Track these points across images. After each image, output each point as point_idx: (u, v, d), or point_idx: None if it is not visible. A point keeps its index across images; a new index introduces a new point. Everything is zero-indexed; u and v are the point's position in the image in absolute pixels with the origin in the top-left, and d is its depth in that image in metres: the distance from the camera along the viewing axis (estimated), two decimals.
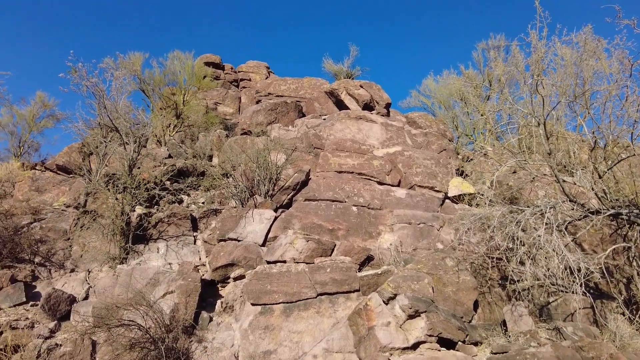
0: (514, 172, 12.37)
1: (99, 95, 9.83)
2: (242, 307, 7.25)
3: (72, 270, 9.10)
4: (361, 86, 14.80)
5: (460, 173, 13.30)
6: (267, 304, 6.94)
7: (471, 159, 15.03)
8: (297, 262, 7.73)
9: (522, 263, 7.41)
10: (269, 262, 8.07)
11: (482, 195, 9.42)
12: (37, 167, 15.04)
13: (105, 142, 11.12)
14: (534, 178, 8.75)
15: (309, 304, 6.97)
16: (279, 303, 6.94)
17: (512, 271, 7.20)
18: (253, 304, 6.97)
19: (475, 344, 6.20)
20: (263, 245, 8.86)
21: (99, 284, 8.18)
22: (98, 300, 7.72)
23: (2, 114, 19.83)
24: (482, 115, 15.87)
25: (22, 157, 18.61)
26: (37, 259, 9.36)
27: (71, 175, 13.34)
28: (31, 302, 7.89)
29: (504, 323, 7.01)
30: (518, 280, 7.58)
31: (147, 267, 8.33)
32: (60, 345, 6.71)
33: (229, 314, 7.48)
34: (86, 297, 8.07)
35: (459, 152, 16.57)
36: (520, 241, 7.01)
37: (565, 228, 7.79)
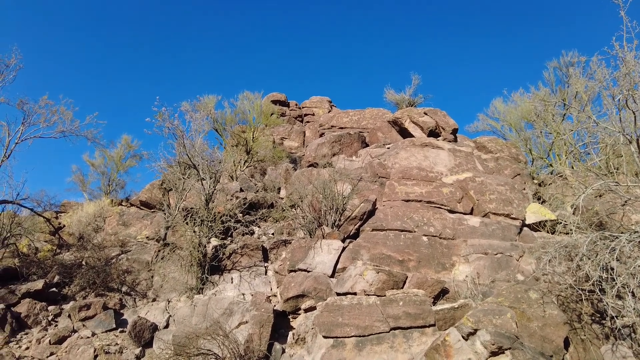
0: (600, 196, 11.35)
1: (179, 135, 10.69)
2: (313, 339, 7.22)
3: (154, 300, 9.69)
4: (425, 113, 14.64)
5: (538, 198, 12.46)
6: (339, 337, 6.83)
7: (549, 184, 14.05)
8: (368, 295, 7.58)
9: (620, 297, 6.65)
10: (338, 294, 8.01)
11: (565, 221, 8.71)
12: (123, 203, 16.53)
13: (183, 178, 11.96)
14: (625, 202, 7.95)
15: (381, 339, 6.76)
16: (351, 336, 6.80)
17: (608, 305, 6.47)
18: (325, 337, 6.91)
19: None
20: (332, 276, 8.85)
21: (178, 313, 8.60)
22: (177, 329, 8.10)
23: (96, 157, 22.28)
24: (557, 135, 14.87)
25: (110, 195, 20.54)
26: (124, 289, 10.13)
27: (152, 210, 14.46)
28: (120, 329, 8.49)
29: None
30: (617, 316, 6.78)
31: (222, 298, 8.64)
32: None
33: (300, 346, 7.47)
34: (167, 326, 8.51)
35: (534, 176, 15.59)
36: (616, 272, 6.31)
37: None
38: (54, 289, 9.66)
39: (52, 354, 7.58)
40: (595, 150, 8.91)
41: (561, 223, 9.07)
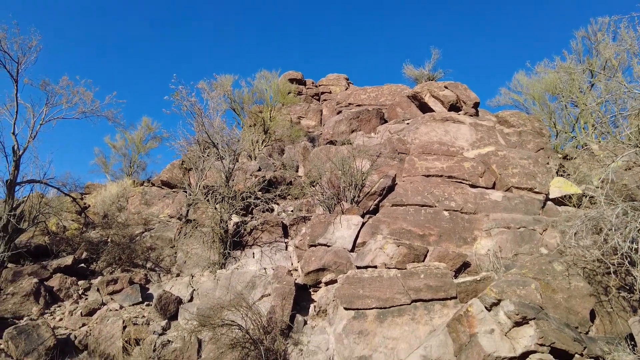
0: (629, 168, 10.97)
1: (198, 114, 10.73)
2: (335, 311, 7.30)
3: (178, 275, 9.93)
4: (446, 87, 14.30)
5: (562, 173, 12.14)
6: (360, 309, 6.90)
7: (574, 157, 13.65)
8: (389, 268, 7.60)
9: None
10: (358, 267, 8.04)
11: (591, 194, 8.46)
12: (144, 184, 16.87)
13: (203, 157, 12.06)
14: None
15: (403, 311, 6.79)
16: (372, 308, 6.86)
17: (637, 278, 6.31)
18: (346, 309, 6.98)
19: (597, 358, 5.53)
20: (352, 250, 8.87)
21: (201, 287, 8.80)
22: (201, 302, 8.31)
23: (117, 139, 22.70)
24: (584, 106, 14.35)
25: (132, 176, 20.97)
26: (148, 264, 10.40)
27: (173, 190, 14.70)
28: (145, 302, 8.75)
29: (630, 337, 6.14)
30: None
31: (245, 272, 8.79)
32: (172, 342, 7.34)
33: (322, 318, 7.57)
34: (191, 299, 8.73)
35: (558, 150, 15.16)
36: None
37: None
38: (82, 265, 10.00)
39: (83, 324, 7.89)
40: (625, 120, 8.56)
41: (587, 197, 8.82)
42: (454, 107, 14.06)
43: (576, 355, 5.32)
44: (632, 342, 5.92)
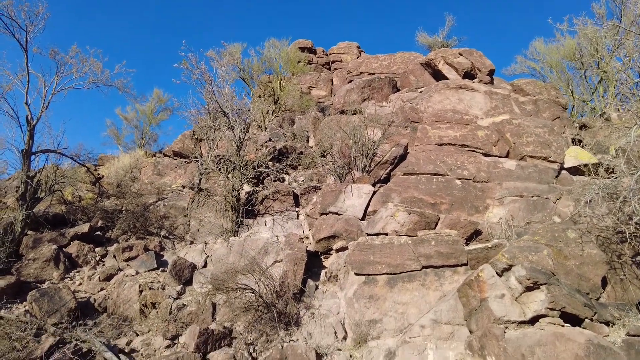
0: None
1: (207, 82, 10.64)
2: (346, 276, 7.41)
3: (192, 242, 10.12)
4: (460, 54, 13.90)
5: (578, 142, 11.88)
6: (371, 274, 6.98)
7: (591, 127, 13.33)
8: (399, 235, 7.62)
9: None
10: (369, 235, 8.08)
11: (608, 163, 8.28)
12: (156, 155, 17.01)
13: (214, 127, 12.05)
14: None
15: (413, 276, 6.85)
16: (383, 274, 6.93)
17: None
18: (357, 274, 7.07)
19: (607, 323, 5.54)
20: (362, 219, 8.90)
21: (215, 254, 8.97)
22: (215, 267, 8.49)
23: (128, 111, 22.77)
24: (604, 74, 13.87)
25: (144, 147, 21.16)
26: (162, 232, 10.61)
27: (185, 160, 14.81)
28: (161, 269, 8.97)
29: None
30: None
31: (257, 239, 8.92)
32: (187, 305, 7.55)
33: (333, 283, 7.70)
34: (205, 265, 8.92)
35: (575, 120, 14.80)
36: None
37: None
38: (98, 233, 10.24)
39: (102, 289, 8.15)
40: None
41: (602, 166, 8.64)
42: (468, 75, 13.71)
43: (586, 320, 5.34)
44: None
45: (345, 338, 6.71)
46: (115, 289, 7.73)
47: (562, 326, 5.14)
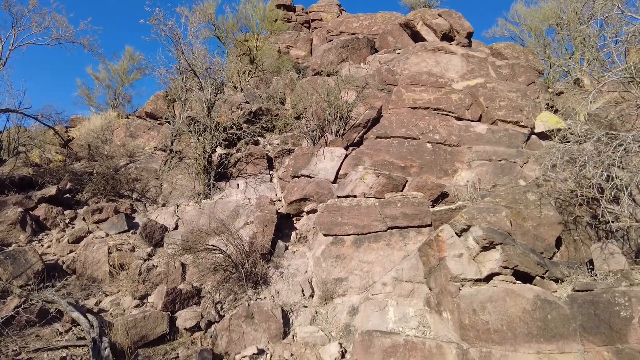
0: (615, 104, 10.86)
1: (176, 39, 10.24)
2: (314, 237, 7.54)
3: (163, 205, 10.08)
4: (439, 15, 13.65)
5: (551, 107, 12.02)
6: (338, 235, 7.12)
7: (564, 93, 13.46)
8: (368, 197, 7.73)
9: (617, 202, 6.67)
10: (339, 197, 8.18)
11: (573, 128, 8.45)
12: (130, 116, 16.55)
13: (185, 87, 11.72)
14: None
15: (379, 237, 7.02)
16: (350, 234, 7.08)
17: (605, 209, 6.50)
18: (325, 235, 7.20)
19: (556, 280, 5.83)
20: (334, 181, 8.98)
21: (186, 216, 8.97)
22: (186, 229, 8.50)
23: (100, 70, 21.85)
24: (581, 39, 13.86)
25: (117, 108, 20.49)
26: (134, 195, 10.50)
27: (158, 122, 14.47)
28: (132, 231, 8.94)
29: (590, 263, 6.45)
30: (613, 221, 6.86)
31: (228, 201, 8.93)
32: (157, 266, 7.61)
33: (302, 244, 7.84)
34: (176, 227, 8.93)
35: (550, 85, 14.89)
36: (617, 175, 6.24)
37: None
38: (67, 195, 10.07)
39: (71, 251, 8.12)
40: (621, 50, 8.28)
41: (570, 130, 8.81)
42: (447, 37, 13.54)
43: (537, 277, 5.61)
44: (591, 267, 6.24)
45: (312, 296, 6.92)
46: (84, 250, 7.71)
47: (514, 283, 5.39)
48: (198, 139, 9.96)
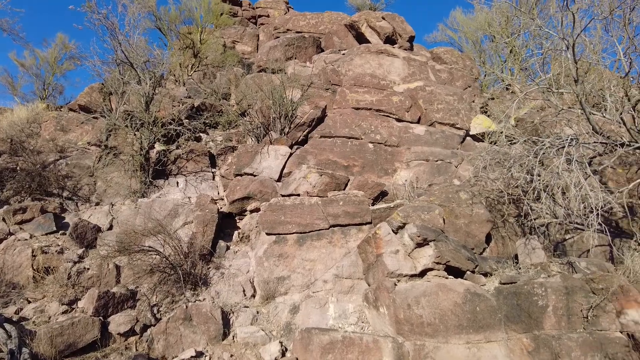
0: (541, 109, 11.77)
1: (112, 29, 9.68)
2: (257, 236, 7.48)
3: (97, 204, 9.52)
4: (383, 18, 14.03)
5: (485, 112, 12.79)
6: (281, 234, 7.12)
7: (498, 98, 14.36)
8: (311, 196, 7.80)
9: (539, 200, 7.25)
10: (283, 196, 8.17)
11: (502, 131, 9.06)
12: (61, 109, 15.40)
13: (122, 80, 11.12)
14: (559, 112, 8.28)
15: (321, 235, 7.11)
16: (293, 233, 7.10)
17: (529, 207, 7.05)
18: (268, 234, 7.17)
19: (485, 274, 6.23)
20: (278, 180, 8.95)
21: (121, 216, 8.55)
22: (121, 230, 8.09)
23: (26, 57, 20.08)
24: (512, 48, 14.87)
25: (47, 100, 18.95)
26: (64, 194, 9.82)
27: (93, 116, 13.61)
28: (61, 231, 8.36)
29: (516, 257, 6.98)
30: (536, 218, 7.45)
31: (167, 200, 8.62)
32: (88, 269, 7.18)
33: (245, 244, 7.75)
34: (110, 228, 8.48)
35: (485, 90, 15.83)
36: (539, 175, 6.79)
37: (589, 163, 7.48)
38: None
39: None
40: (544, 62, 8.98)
41: (502, 134, 9.44)
42: (390, 40, 13.95)
43: (468, 272, 5.96)
44: (517, 261, 6.75)
45: (254, 296, 6.87)
46: (2, 254, 7.10)
47: (446, 278, 5.70)
48: (135, 135, 9.50)
